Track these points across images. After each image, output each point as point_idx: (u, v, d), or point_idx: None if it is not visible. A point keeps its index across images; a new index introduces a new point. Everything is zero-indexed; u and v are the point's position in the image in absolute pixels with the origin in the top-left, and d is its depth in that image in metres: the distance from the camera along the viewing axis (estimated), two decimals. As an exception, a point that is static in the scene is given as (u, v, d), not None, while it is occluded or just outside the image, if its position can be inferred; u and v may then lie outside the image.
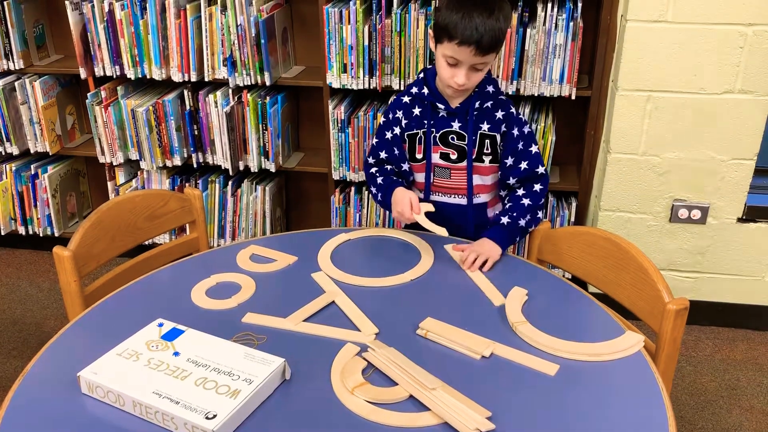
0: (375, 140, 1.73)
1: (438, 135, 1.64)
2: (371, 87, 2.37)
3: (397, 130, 1.67)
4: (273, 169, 2.57)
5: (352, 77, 2.37)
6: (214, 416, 1.01)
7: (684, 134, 2.20)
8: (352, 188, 2.58)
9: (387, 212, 2.56)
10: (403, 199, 1.57)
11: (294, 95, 2.67)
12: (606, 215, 2.37)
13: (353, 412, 1.07)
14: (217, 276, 1.45)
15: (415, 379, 1.11)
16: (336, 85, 2.39)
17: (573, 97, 2.28)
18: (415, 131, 1.66)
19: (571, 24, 2.18)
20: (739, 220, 2.30)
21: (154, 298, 1.39)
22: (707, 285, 2.42)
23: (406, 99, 1.67)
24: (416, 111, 1.65)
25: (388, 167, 1.71)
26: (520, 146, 1.63)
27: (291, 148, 2.70)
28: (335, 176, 2.54)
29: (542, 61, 2.23)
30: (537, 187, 1.64)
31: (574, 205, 2.47)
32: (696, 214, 2.30)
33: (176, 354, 1.15)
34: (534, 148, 1.65)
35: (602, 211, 2.37)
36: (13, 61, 2.59)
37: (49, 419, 1.06)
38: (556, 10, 2.18)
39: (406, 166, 1.69)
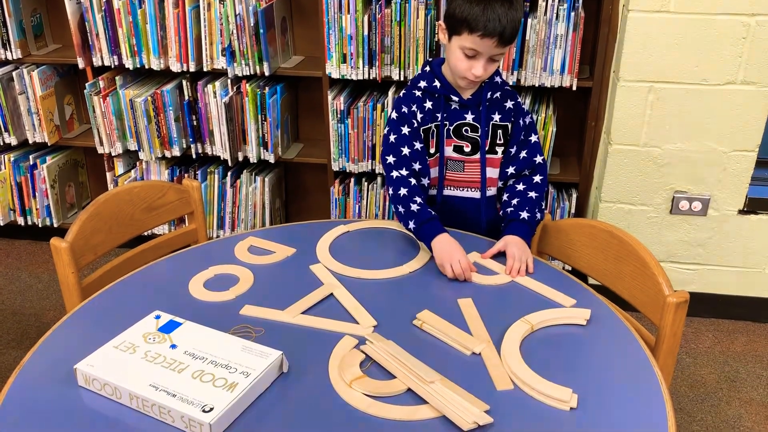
0: (392, 137, 1.60)
1: (452, 128, 1.61)
2: (371, 77, 2.35)
3: (415, 124, 1.60)
4: (272, 160, 2.56)
5: (352, 67, 2.35)
6: (211, 409, 1.00)
7: (685, 125, 2.19)
8: (352, 179, 2.57)
9: (387, 204, 2.56)
10: (452, 252, 1.42)
11: (293, 85, 2.65)
12: (606, 207, 2.36)
13: (351, 406, 1.06)
14: (215, 268, 1.44)
15: (413, 372, 1.11)
16: (335, 75, 2.37)
17: (574, 88, 2.26)
18: (428, 125, 1.61)
19: (573, 14, 2.16)
20: (740, 212, 2.29)
21: (151, 290, 1.38)
22: (707, 277, 2.41)
23: (417, 93, 1.62)
24: (428, 104, 1.61)
25: (412, 181, 1.57)
26: (522, 136, 1.63)
27: (290, 138, 2.69)
28: (335, 167, 2.53)
29: (543, 52, 2.22)
30: (537, 178, 1.63)
31: (574, 196, 2.46)
32: (697, 205, 2.28)
33: (173, 346, 1.14)
34: (534, 138, 1.65)
35: (603, 202, 2.36)
36: (11, 51, 2.57)
37: (45, 412, 1.06)
38: (557, 0, 2.16)
39: (417, 166, 1.60)
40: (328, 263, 1.46)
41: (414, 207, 1.53)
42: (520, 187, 1.62)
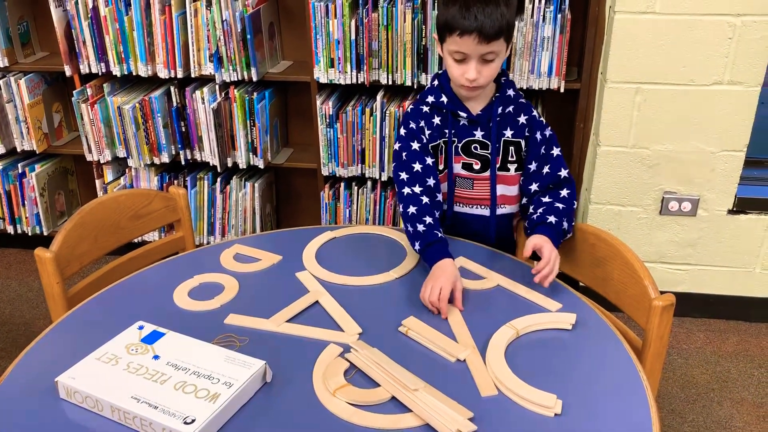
0: (403, 154, 1.56)
1: (460, 145, 1.57)
2: (359, 82, 2.35)
3: (424, 140, 1.56)
4: (262, 166, 2.55)
5: (340, 72, 2.35)
6: (193, 421, 1.00)
7: (673, 126, 2.19)
8: (342, 184, 2.57)
9: (377, 209, 2.55)
10: (438, 278, 1.33)
11: (282, 90, 2.65)
12: (596, 208, 2.36)
13: (335, 415, 1.06)
14: (200, 276, 1.43)
15: (397, 380, 1.10)
16: (323, 80, 2.37)
17: (562, 90, 2.26)
18: (436, 142, 1.58)
19: (559, 16, 2.16)
20: (730, 211, 2.29)
21: (136, 299, 1.38)
22: (698, 277, 2.41)
23: (425, 108, 1.58)
24: (436, 120, 1.57)
25: (424, 199, 1.50)
26: (542, 150, 1.57)
27: (280, 143, 2.68)
28: (324, 172, 2.53)
29: (530, 54, 2.22)
30: (564, 192, 1.55)
31: (564, 198, 2.45)
32: (686, 206, 2.29)
33: (156, 357, 1.13)
34: (556, 151, 1.57)
35: (592, 204, 2.35)
36: (-2, 59, 2.57)
37: (26, 425, 1.05)
38: (543, 2, 2.16)
39: (432, 181, 1.55)
40: (315, 270, 1.45)
41: (421, 228, 1.46)
42: (546, 199, 1.54)
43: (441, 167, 1.60)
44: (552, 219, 1.49)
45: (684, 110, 2.16)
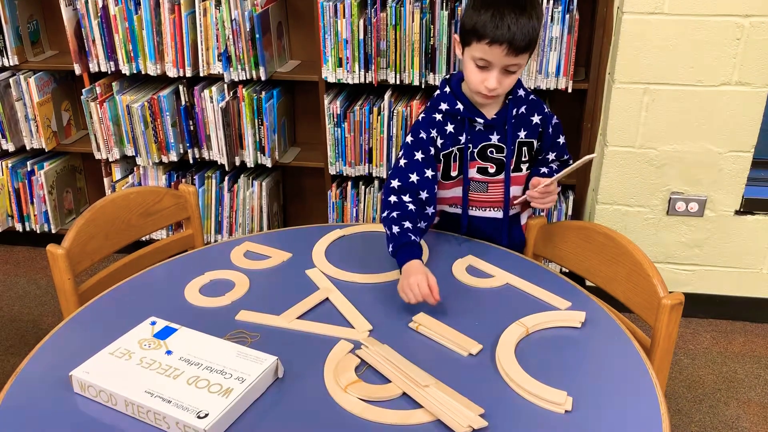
0: (402, 161, 1.53)
1: (476, 150, 1.56)
2: (367, 81, 2.36)
3: (432, 151, 1.54)
4: (269, 164, 2.56)
5: (348, 71, 2.36)
6: (206, 415, 1.01)
7: (681, 127, 2.19)
8: (349, 183, 2.57)
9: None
10: (409, 277, 1.32)
11: (290, 90, 2.66)
12: (603, 209, 2.36)
13: (346, 410, 1.07)
14: (211, 273, 1.44)
15: (408, 376, 1.11)
16: (331, 79, 2.38)
17: (569, 90, 2.27)
18: (450, 149, 1.55)
19: (567, 16, 2.16)
20: (737, 212, 2.29)
21: (147, 296, 1.39)
22: (705, 278, 2.42)
23: (438, 116, 1.55)
24: (450, 128, 1.54)
25: (409, 206, 1.48)
26: (551, 140, 1.62)
27: (287, 142, 2.69)
28: (332, 171, 2.54)
29: (538, 54, 2.22)
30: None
31: (571, 198, 2.46)
32: (693, 206, 2.29)
33: (169, 353, 1.14)
34: (561, 139, 1.64)
35: (599, 204, 2.36)
36: (8, 58, 2.58)
37: (41, 418, 1.06)
38: (552, 2, 2.17)
39: (425, 194, 1.52)
40: (324, 268, 1.46)
41: (396, 229, 1.43)
42: (544, 170, 1.64)
43: (455, 174, 1.58)
44: (545, 171, 1.63)
45: (692, 111, 2.16)
